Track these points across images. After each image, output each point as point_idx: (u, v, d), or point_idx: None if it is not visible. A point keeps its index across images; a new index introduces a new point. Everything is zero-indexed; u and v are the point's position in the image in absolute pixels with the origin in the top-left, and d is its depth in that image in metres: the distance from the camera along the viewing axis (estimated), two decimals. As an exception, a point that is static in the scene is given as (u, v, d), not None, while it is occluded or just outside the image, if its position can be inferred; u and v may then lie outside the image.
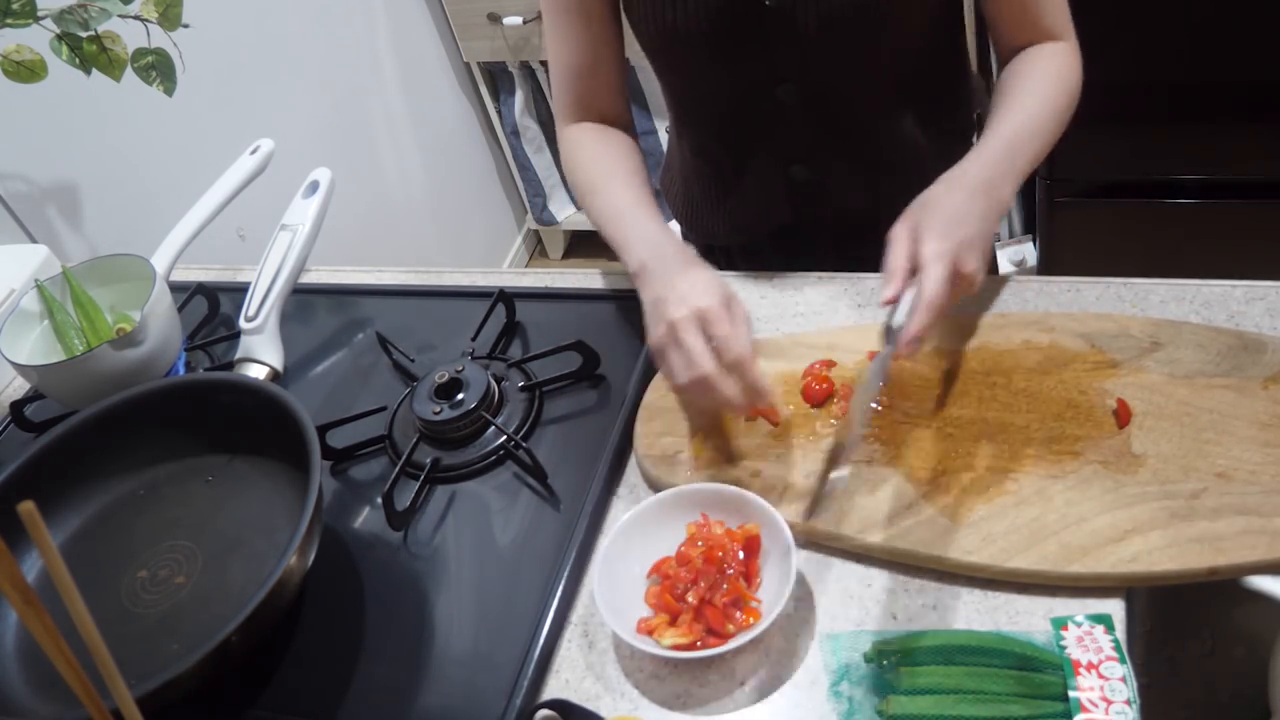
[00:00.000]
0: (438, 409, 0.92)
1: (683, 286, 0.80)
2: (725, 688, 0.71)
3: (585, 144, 1.01)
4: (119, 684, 0.46)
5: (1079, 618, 0.66)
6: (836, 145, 1.01)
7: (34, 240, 1.42)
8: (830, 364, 0.88)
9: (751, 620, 0.71)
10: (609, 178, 0.96)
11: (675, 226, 1.17)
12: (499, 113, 2.62)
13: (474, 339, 1.01)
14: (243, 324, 1.05)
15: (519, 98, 2.56)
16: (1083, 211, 1.92)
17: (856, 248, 0.96)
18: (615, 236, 0.91)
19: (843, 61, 0.94)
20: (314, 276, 1.19)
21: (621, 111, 1.04)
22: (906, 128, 1.02)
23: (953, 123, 1.07)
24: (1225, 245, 1.82)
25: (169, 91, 1.19)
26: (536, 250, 2.96)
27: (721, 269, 0.93)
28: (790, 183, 1.04)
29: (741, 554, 0.75)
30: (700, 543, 0.76)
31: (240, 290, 1.09)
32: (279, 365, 1.05)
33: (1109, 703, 0.61)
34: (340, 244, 2.04)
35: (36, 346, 1.05)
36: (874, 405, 0.83)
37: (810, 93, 0.96)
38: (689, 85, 1.03)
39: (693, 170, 1.12)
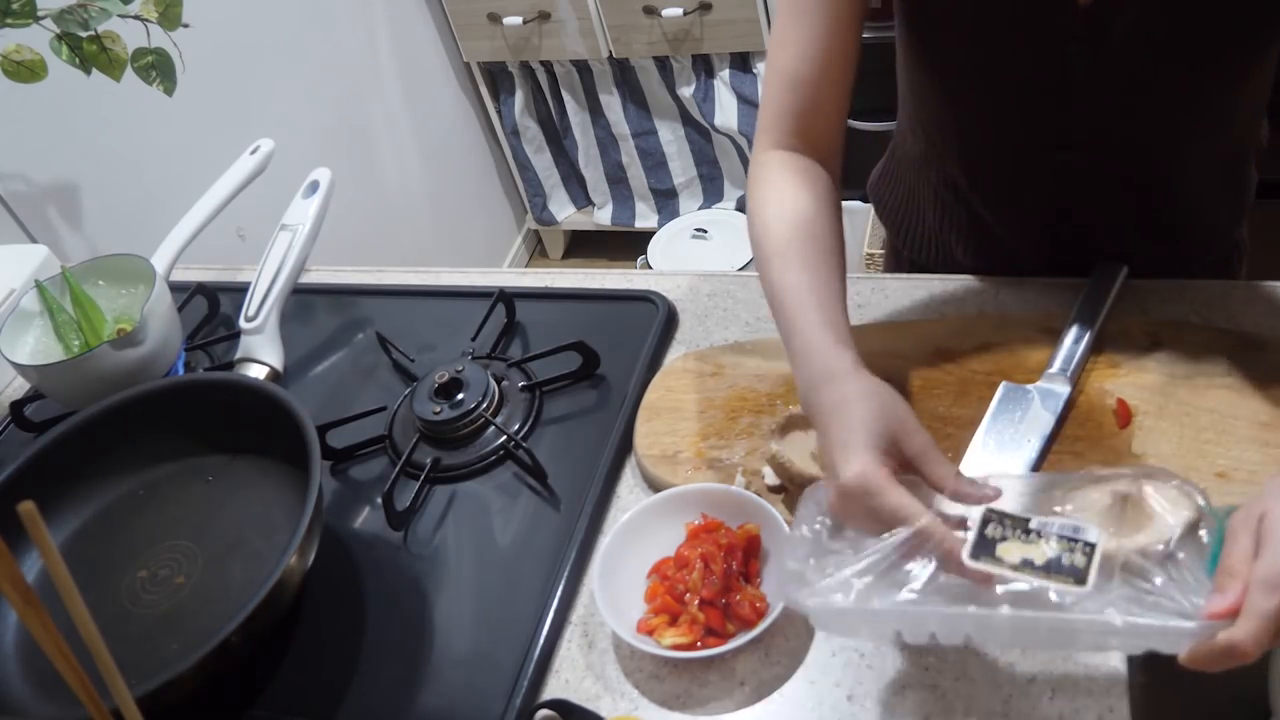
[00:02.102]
0: (438, 409, 0.92)
1: (837, 454, 0.64)
2: (725, 688, 0.71)
3: (774, 189, 0.82)
4: (119, 684, 0.46)
5: None
6: (1112, 201, 0.91)
7: (34, 240, 1.42)
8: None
9: (752, 620, 0.71)
10: (787, 249, 0.78)
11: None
12: (499, 113, 2.62)
13: (474, 339, 1.01)
14: (243, 324, 1.05)
15: (519, 98, 2.56)
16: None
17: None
18: (780, 327, 0.77)
19: (1147, 125, 0.85)
20: (314, 276, 1.19)
21: (834, 138, 0.86)
22: (1192, 181, 0.91)
23: (1236, 171, 0.95)
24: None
25: (169, 91, 1.19)
26: (536, 250, 2.96)
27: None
28: (1055, 238, 0.95)
29: (742, 554, 0.75)
30: (700, 543, 0.76)
31: (240, 290, 1.09)
32: (279, 365, 1.05)
33: None
34: (340, 244, 2.04)
35: (36, 346, 1.05)
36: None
37: (1100, 154, 0.87)
38: (966, 126, 0.91)
39: (935, 199, 0.99)
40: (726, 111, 2.37)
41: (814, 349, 0.72)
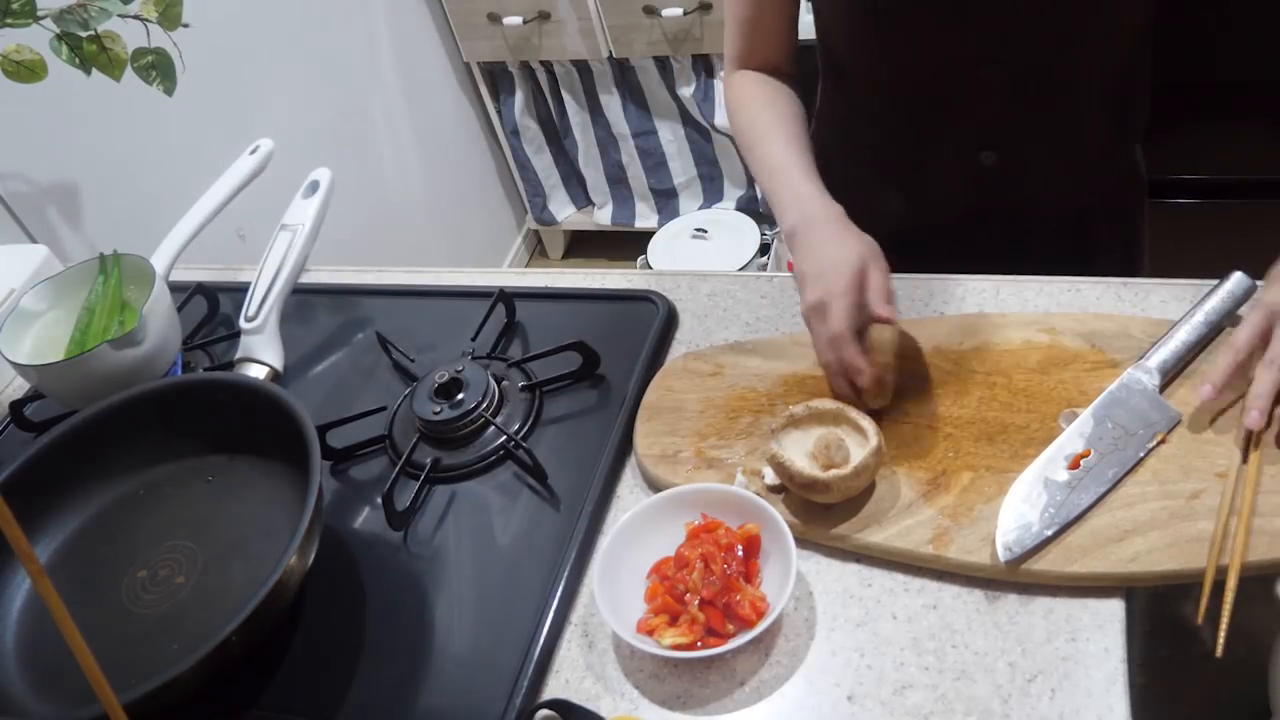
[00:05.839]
0: (438, 409, 0.92)
1: (819, 264, 0.83)
2: (725, 688, 0.71)
3: (748, 93, 1.02)
4: (103, 684, 0.46)
5: None
6: (1034, 131, 1.00)
7: (34, 240, 1.42)
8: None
9: (752, 620, 0.71)
10: (769, 131, 0.98)
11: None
12: (499, 113, 2.62)
13: (474, 339, 1.01)
14: (243, 324, 1.05)
15: (519, 98, 2.56)
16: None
17: (1034, 244, 1.05)
18: (770, 194, 0.93)
19: (1050, 44, 0.93)
20: (314, 276, 1.19)
21: (784, 64, 1.05)
22: (1102, 123, 1.02)
23: (1132, 132, 1.07)
24: (1225, 245, 1.82)
25: (169, 91, 1.19)
26: (536, 250, 2.96)
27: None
28: (980, 167, 1.02)
29: (742, 554, 0.75)
30: (700, 543, 0.76)
31: (240, 290, 1.09)
32: (279, 365, 1.05)
33: None
34: (340, 244, 2.04)
35: (36, 346, 1.05)
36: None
37: (1017, 74, 0.95)
38: (882, 58, 1.00)
39: (860, 153, 1.09)
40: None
41: (805, 197, 0.89)
